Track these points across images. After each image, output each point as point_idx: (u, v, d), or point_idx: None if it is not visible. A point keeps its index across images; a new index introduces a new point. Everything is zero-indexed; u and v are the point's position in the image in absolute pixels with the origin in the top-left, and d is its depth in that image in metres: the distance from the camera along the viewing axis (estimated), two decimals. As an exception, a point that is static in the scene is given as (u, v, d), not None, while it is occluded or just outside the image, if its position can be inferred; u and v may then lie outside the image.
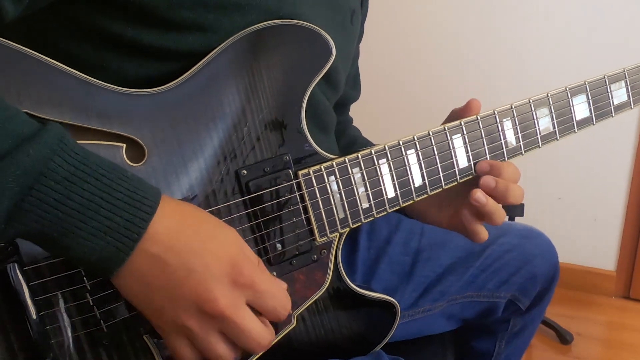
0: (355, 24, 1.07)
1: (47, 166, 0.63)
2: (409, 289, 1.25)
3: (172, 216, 0.70)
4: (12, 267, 0.70)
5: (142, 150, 0.79)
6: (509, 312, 1.31)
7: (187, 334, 0.72)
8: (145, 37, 0.81)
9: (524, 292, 1.28)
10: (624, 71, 1.11)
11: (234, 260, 0.72)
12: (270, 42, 0.86)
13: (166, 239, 0.69)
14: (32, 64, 0.73)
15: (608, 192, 2.64)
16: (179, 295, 0.70)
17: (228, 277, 0.71)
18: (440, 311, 1.27)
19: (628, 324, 2.62)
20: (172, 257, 0.69)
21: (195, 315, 0.70)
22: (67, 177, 0.64)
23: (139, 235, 0.67)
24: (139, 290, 0.71)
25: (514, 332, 1.35)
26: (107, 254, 0.67)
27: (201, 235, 0.72)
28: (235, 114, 0.84)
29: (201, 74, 0.83)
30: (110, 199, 0.66)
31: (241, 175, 0.85)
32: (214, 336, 0.72)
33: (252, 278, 0.72)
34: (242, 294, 0.72)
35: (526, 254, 1.27)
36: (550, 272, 1.30)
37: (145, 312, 0.73)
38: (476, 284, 1.26)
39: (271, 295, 0.74)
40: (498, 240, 1.28)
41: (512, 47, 2.56)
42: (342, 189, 0.91)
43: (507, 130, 1.02)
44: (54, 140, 0.64)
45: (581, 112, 1.08)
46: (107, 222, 0.66)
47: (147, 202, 0.68)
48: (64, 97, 0.75)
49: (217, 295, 0.70)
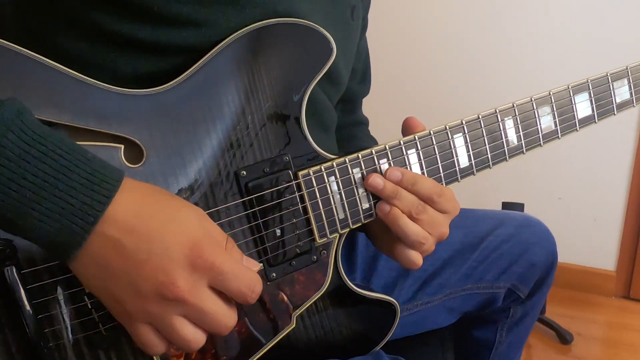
0: (356, 20, 1.06)
1: (0, 142, 0.61)
2: (407, 283, 1.24)
3: (133, 199, 0.68)
4: (9, 270, 0.70)
5: (140, 151, 0.78)
6: (509, 301, 1.30)
7: (150, 321, 0.70)
8: (140, 33, 0.80)
9: (523, 280, 1.28)
10: (627, 69, 1.11)
11: (193, 242, 0.69)
12: (270, 41, 0.85)
13: (125, 222, 0.67)
14: (28, 65, 0.72)
15: (608, 192, 2.64)
16: (138, 280, 0.67)
17: (187, 260, 0.68)
18: (440, 304, 1.26)
19: (628, 324, 2.62)
20: (131, 240, 0.67)
21: (155, 300, 0.68)
22: (20, 155, 0.62)
23: (96, 218, 0.65)
24: (97, 276, 0.68)
25: (514, 320, 1.35)
26: (62, 237, 0.65)
27: (162, 217, 0.69)
28: (234, 114, 0.84)
29: (200, 73, 0.82)
30: (66, 180, 0.64)
31: (240, 176, 0.84)
32: (178, 320, 0.69)
33: (212, 260, 0.69)
34: (202, 277, 0.69)
35: (523, 243, 1.27)
36: (549, 259, 1.29)
37: (106, 302, 0.71)
38: (475, 276, 1.26)
39: (233, 276, 0.71)
40: (495, 231, 1.28)
41: (513, 46, 2.56)
42: (342, 189, 0.91)
43: (508, 129, 1.02)
44: (10, 116, 0.62)
45: (583, 110, 1.07)
46: (62, 204, 0.64)
47: (105, 185, 0.66)
48: (61, 97, 0.74)
49: (176, 279, 0.67)
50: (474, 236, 1.27)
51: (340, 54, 0.92)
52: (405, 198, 0.92)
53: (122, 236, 0.67)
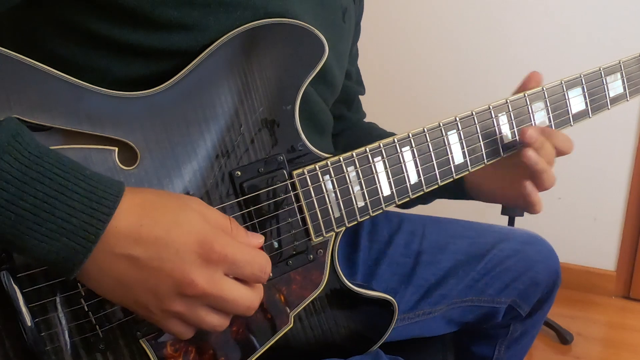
0: (347, 22, 1.07)
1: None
2: (409, 291, 1.24)
3: (133, 210, 0.69)
4: (5, 275, 0.70)
5: (134, 153, 0.78)
6: (509, 318, 1.30)
7: (177, 316, 0.72)
8: (131, 37, 0.80)
9: (525, 298, 1.27)
10: (620, 63, 1.11)
11: (202, 240, 0.70)
12: (262, 42, 0.85)
13: (129, 234, 0.68)
14: (21, 69, 0.72)
15: (608, 192, 2.64)
16: (157, 286, 0.69)
17: (200, 258, 0.70)
18: (440, 314, 1.26)
19: (628, 324, 2.62)
20: (139, 250, 0.68)
21: (178, 300, 0.70)
22: (18, 177, 0.62)
23: (97, 236, 0.66)
24: (115, 288, 0.70)
25: (513, 337, 1.35)
26: (64, 255, 0.65)
27: (165, 222, 0.70)
28: (228, 115, 0.84)
29: (192, 75, 0.82)
30: (65, 199, 0.65)
31: (235, 177, 0.85)
32: (203, 310, 0.73)
33: (224, 252, 0.71)
34: (217, 268, 0.71)
35: (527, 260, 1.27)
36: (552, 278, 1.29)
37: (131, 308, 0.73)
38: (477, 289, 1.25)
39: (246, 262, 0.74)
40: (499, 245, 1.27)
41: (508, 43, 2.56)
42: (337, 188, 0.91)
43: (502, 125, 1.02)
44: (6, 137, 0.63)
45: (577, 105, 1.08)
46: (62, 224, 0.64)
47: (105, 202, 0.66)
48: (54, 101, 0.74)
49: (193, 277, 0.69)
50: (478, 248, 1.27)
51: (332, 55, 0.92)
52: (547, 149, 1.01)
53: (130, 248, 0.68)
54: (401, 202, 0.96)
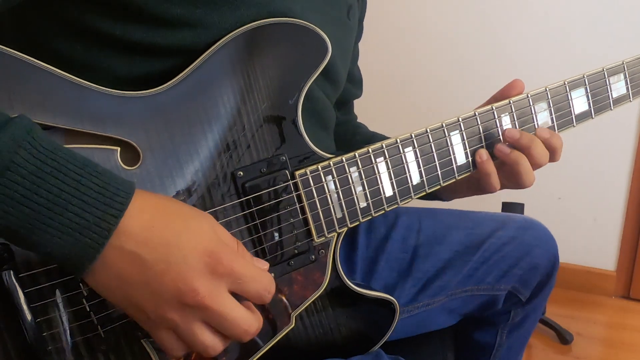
0: (352, 19, 1.07)
1: (13, 160, 0.61)
2: (408, 284, 1.24)
3: (145, 211, 0.69)
4: (7, 274, 0.70)
5: (137, 153, 0.78)
6: (510, 304, 1.30)
7: (171, 327, 0.71)
8: (134, 35, 0.80)
9: (524, 283, 1.27)
10: (623, 64, 1.11)
11: (210, 250, 0.70)
12: (265, 41, 0.85)
13: (140, 234, 0.68)
14: (23, 68, 0.72)
15: (608, 192, 2.64)
16: (159, 289, 0.68)
17: (207, 267, 0.69)
18: (441, 305, 1.26)
19: (628, 324, 2.62)
20: (148, 252, 0.68)
21: (176, 308, 0.69)
22: (33, 172, 0.62)
23: (109, 232, 0.66)
24: (116, 287, 0.69)
25: (515, 322, 1.34)
26: (76, 251, 0.65)
27: (175, 227, 0.70)
28: (230, 115, 0.84)
29: (195, 75, 0.82)
30: (79, 194, 0.64)
31: (237, 177, 0.84)
32: (198, 326, 0.71)
33: (231, 265, 0.71)
34: (222, 283, 0.70)
35: (525, 245, 1.27)
36: (550, 262, 1.29)
37: (127, 310, 0.72)
38: (475, 278, 1.25)
39: (252, 279, 0.73)
40: (496, 233, 1.27)
41: (510, 43, 2.56)
42: (339, 188, 0.91)
43: (505, 126, 1.02)
44: (21, 133, 0.62)
45: (580, 105, 1.07)
46: (76, 219, 0.64)
47: (117, 199, 0.66)
48: (57, 100, 0.74)
49: (197, 286, 0.68)
50: (475, 237, 1.26)
51: (337, 53, 0.92)
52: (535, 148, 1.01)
53: (138, 248, 0.68)
54: (403, 203, 0.96)
